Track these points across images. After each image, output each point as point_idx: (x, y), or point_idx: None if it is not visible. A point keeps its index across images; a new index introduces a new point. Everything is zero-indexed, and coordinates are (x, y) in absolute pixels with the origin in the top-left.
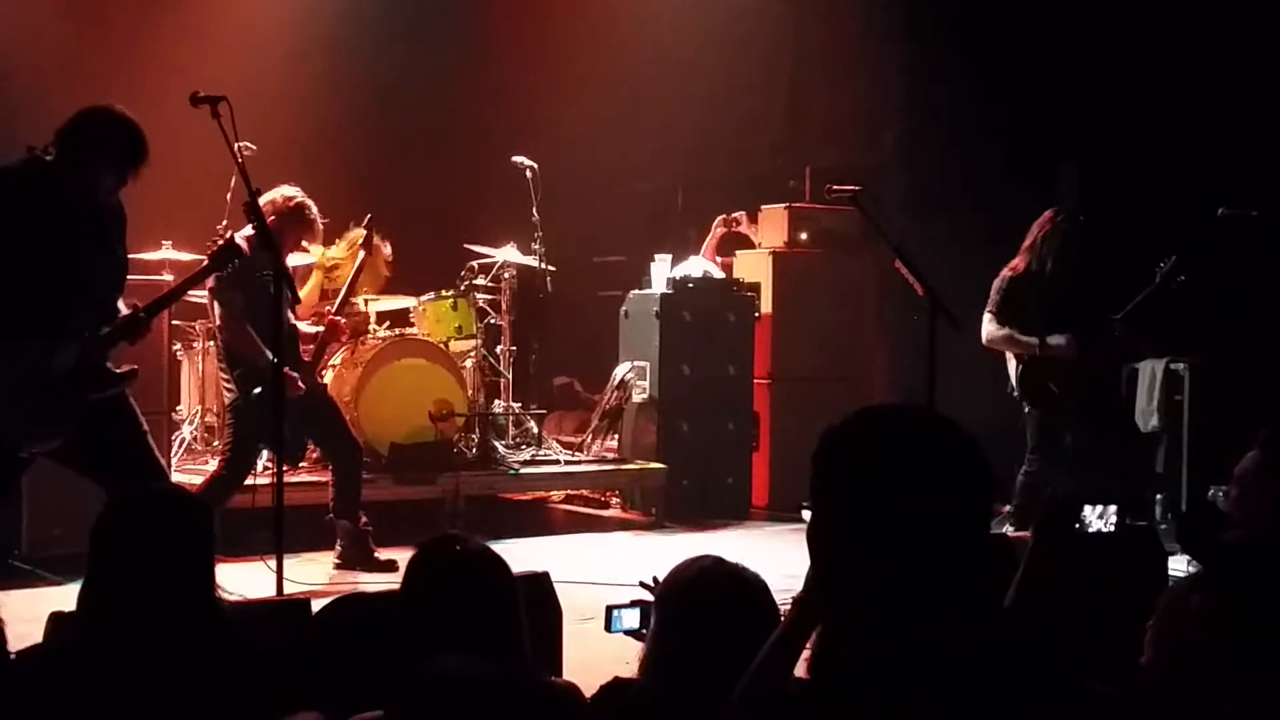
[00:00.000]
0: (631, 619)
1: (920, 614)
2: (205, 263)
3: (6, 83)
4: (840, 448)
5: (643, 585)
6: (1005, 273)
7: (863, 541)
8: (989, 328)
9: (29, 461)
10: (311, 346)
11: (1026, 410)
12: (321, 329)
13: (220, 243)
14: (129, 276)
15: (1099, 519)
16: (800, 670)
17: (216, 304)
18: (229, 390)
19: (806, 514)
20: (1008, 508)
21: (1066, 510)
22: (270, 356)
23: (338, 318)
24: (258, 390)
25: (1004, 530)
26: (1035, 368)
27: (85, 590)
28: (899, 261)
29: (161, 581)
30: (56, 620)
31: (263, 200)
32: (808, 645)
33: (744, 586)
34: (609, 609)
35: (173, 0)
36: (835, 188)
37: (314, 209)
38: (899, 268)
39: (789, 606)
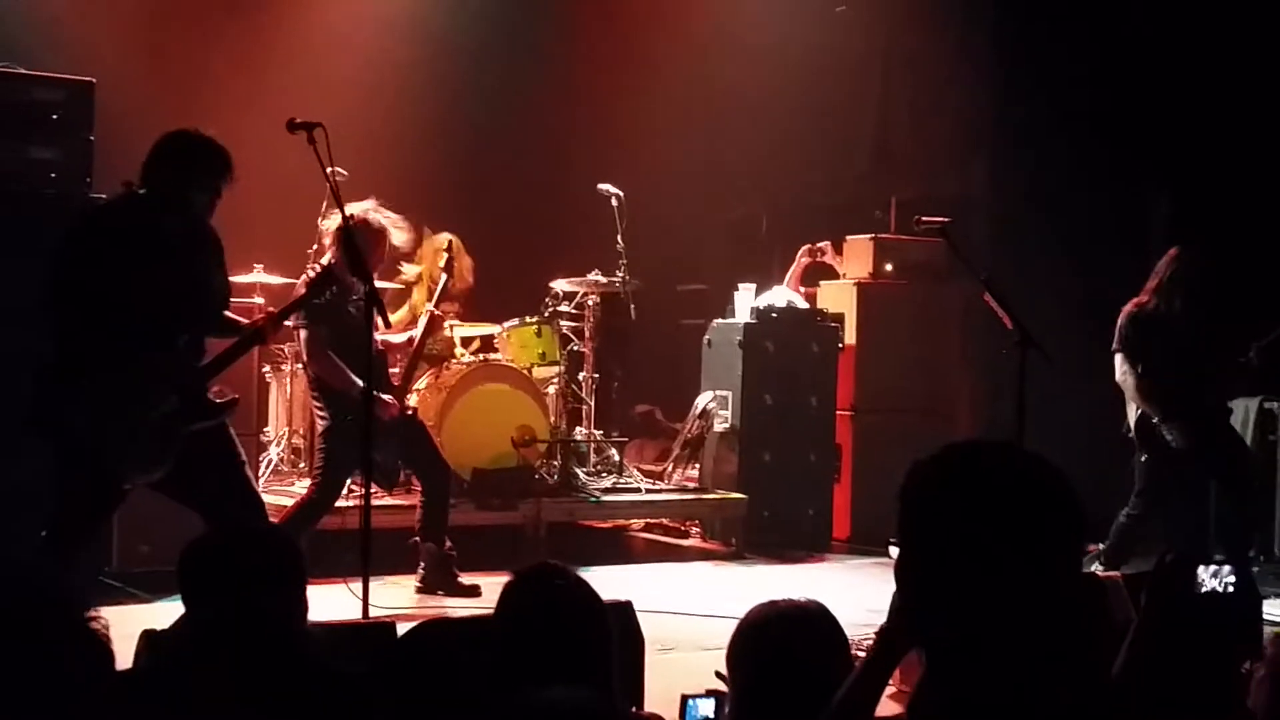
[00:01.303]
0: (707, 708)
1: (1016, 656)
2: (303, 292)
3: (109, 114)
4: (930, 483)
5: (719, 676)
6: (1130, 309)
7: (952, 578)
8: (1121, 369)
9: (130, 491)
10: (398, 374)
11: (1142, 456)
12: (415, 332)
13: (317, 272)
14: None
15: (1212, 578)
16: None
17: (301, 333)
18: (321, 417)
19: (895, 550)
20: (1098, 546)
21: (1180, 574)
22: (358, 383)
23: (437, 311)
24: (350, 418)
25: (1093, 569)
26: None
27: (178, 626)
28: (988, 294)
29: (250, 623)
30: (149, 639)
31: (331, 223)
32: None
33: (805, 626)
34: (684, 698)
35: (269, 31)
36: (925, 219)
37: (384, 222)
38: (988, 300)
39: (872, 641)
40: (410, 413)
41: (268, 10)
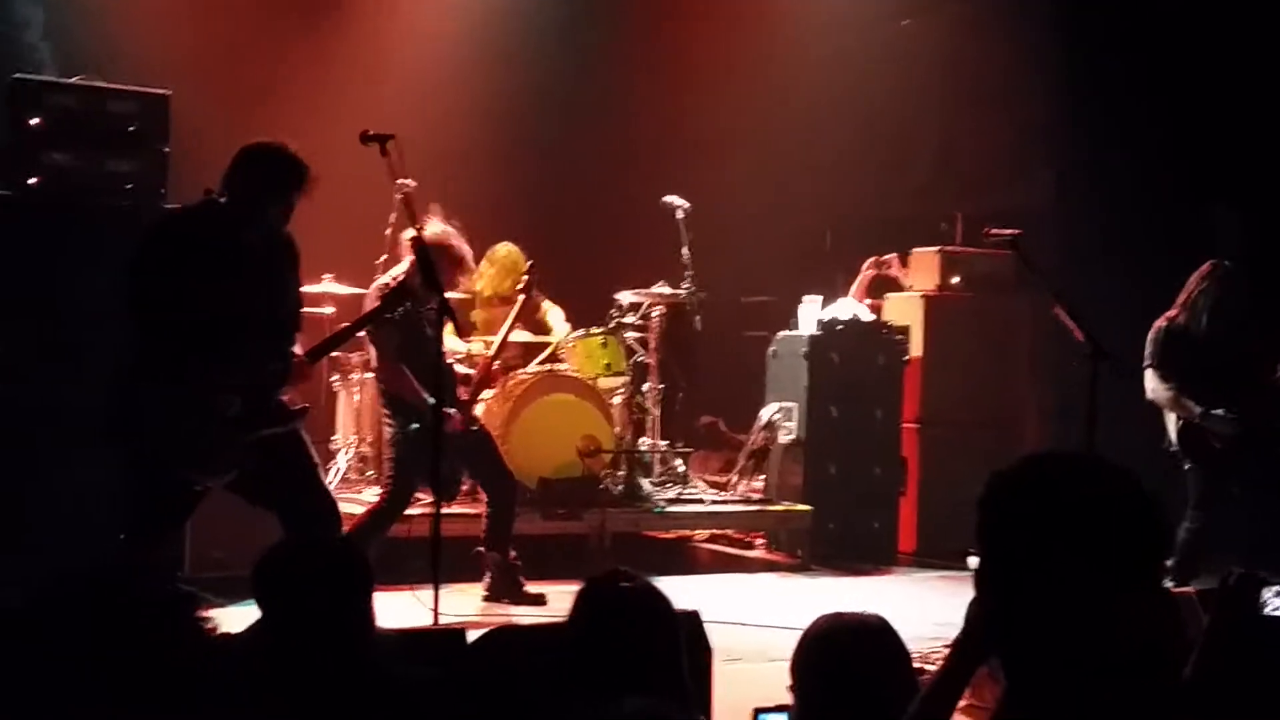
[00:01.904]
0: None
1: (1095, 669)
2: (377, 304)
3: (183, 126)
4: (1011, 493)
5: (791, 690)
6: (1160, 323)
7: (1032, 589)
8: (1153, 383)
9: (204, 494)
10: (467, 388)
11: (1186, 467)
12: (473, 371)
13: (392, 286)
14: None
15: (1277, 597)
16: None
17: (372, 345)
18: (389, 426)
19: (973, 560)
20: (1168, 562)
21: (1246, 593)
22: (426, 396)
23: (494, 363)
24: (415, 425)
25: (1165, 584)
26: (1196, 425)
27: (252, 631)
28: (1059, 307)
29: (322, 629)
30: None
31: (407, 234)
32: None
33: (863, 637)
34: (757, 711)
35: (339, 43)
36: (994, 231)
37: (462, 246)
38: (1058, 313)
39: (942, 653)
40: (475, 426)
41: (339, 23)
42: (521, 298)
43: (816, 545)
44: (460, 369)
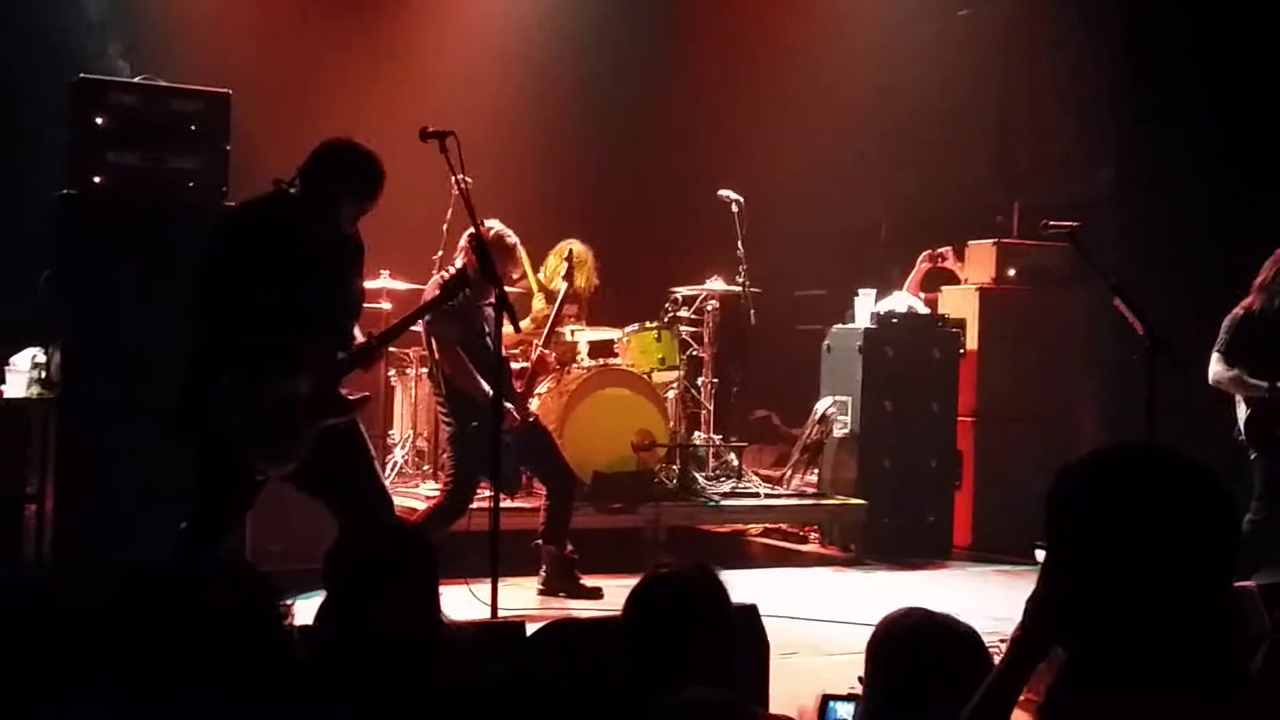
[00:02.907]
0: (847, 711)
1: (1160, 663)
2: (437, 293)
3: (244, 124)
4: (1082, 486)
5: (861, 680)
6: (1237, 311)
7: (1103, 584)
8: (1216, 368)
9: (264, 483)
10: (521, 381)
11: (1253, 456)
12: (528, 365)
13: (452, 274)
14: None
15: None
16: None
17: (433, 337)
18: (447, 423)
19: (1040, 554)
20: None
21: None
22: (485, 387)
23: (546, 351)
24: (475, 424)
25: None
26: (1264, 412)
27: (323, 615)
28: (1118, 299)
29: (393, 611)
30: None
31: (467, 233)
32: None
33: (956, 640)
34: (825, 698)
35: (397, 39)
36: (1052, 224)
37: (513, 239)
38: (1118, 306)
39: (1005, 647)
40: (532, 419)
41: (397, 21)
42: (564, 285)
43: (871, 539)
44: (515, 364)
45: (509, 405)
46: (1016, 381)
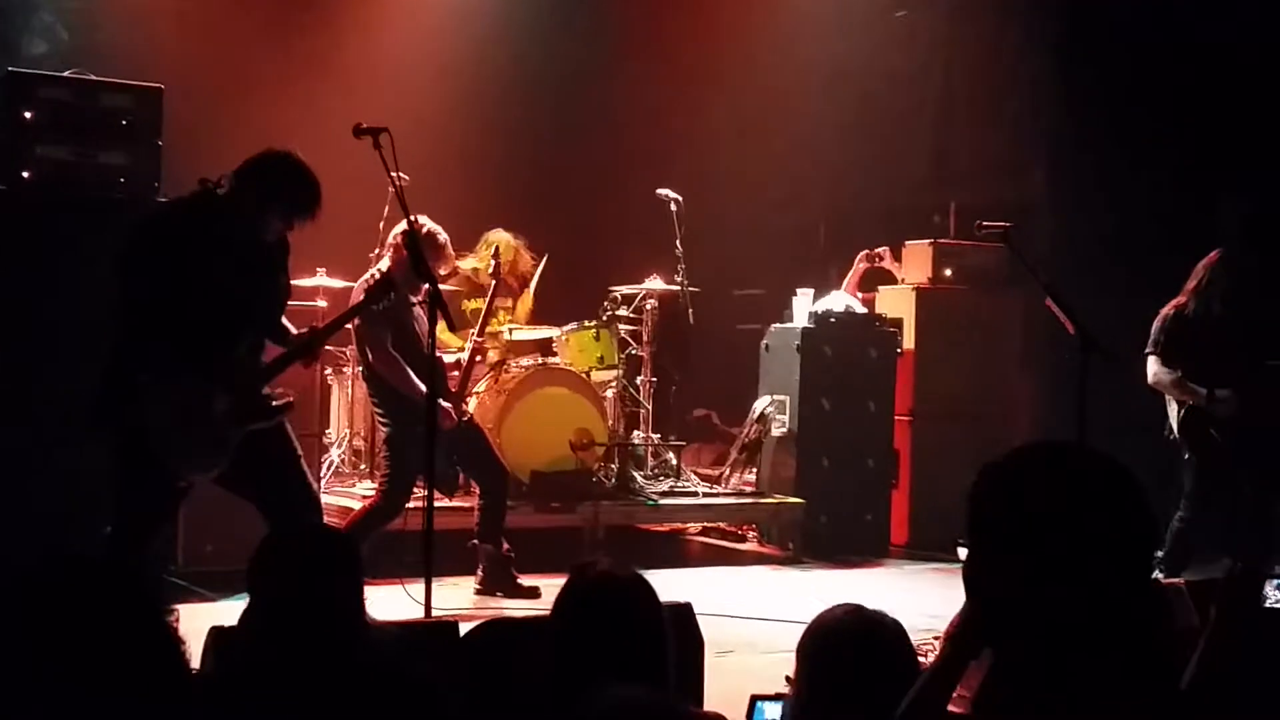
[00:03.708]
0: (774, 711)
1: (1084, 657)
2: (361, 298)
3: (176, 119)
4: (1002, 485)
5: (789, 680)
6: (1167, 310)
7: (1023, 581)
8: (1155, 368)
9: (189, 489)
10: (456, 379)
11: (1185, 456)
12: (462, 361)
13: (376, 279)
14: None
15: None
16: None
17: (365, 339)
18: (384, 424)
19: (963, 551)
20: (1158, 553)
21: (1249, 586)
22: (421, 386)
23: (480, 340)
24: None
25: (1154, 576)
26: (1198, 414)
27: (246, 616)
28: (1050, 299)
29: (315, 611)
30: (217, 635)
31: (396, 230)
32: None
33: (884, 635)
34: (754, 698)
35: (332, 35)
36: (986, 224)
37: (444, 236)
38: (1050, 306)
39: (938, 644)
40: (466, 419)
41: (331, 17)
42: (493, 282)
43: (808, 538)
44: (447, 358)
45: (445, 404)
46: (953, 381)
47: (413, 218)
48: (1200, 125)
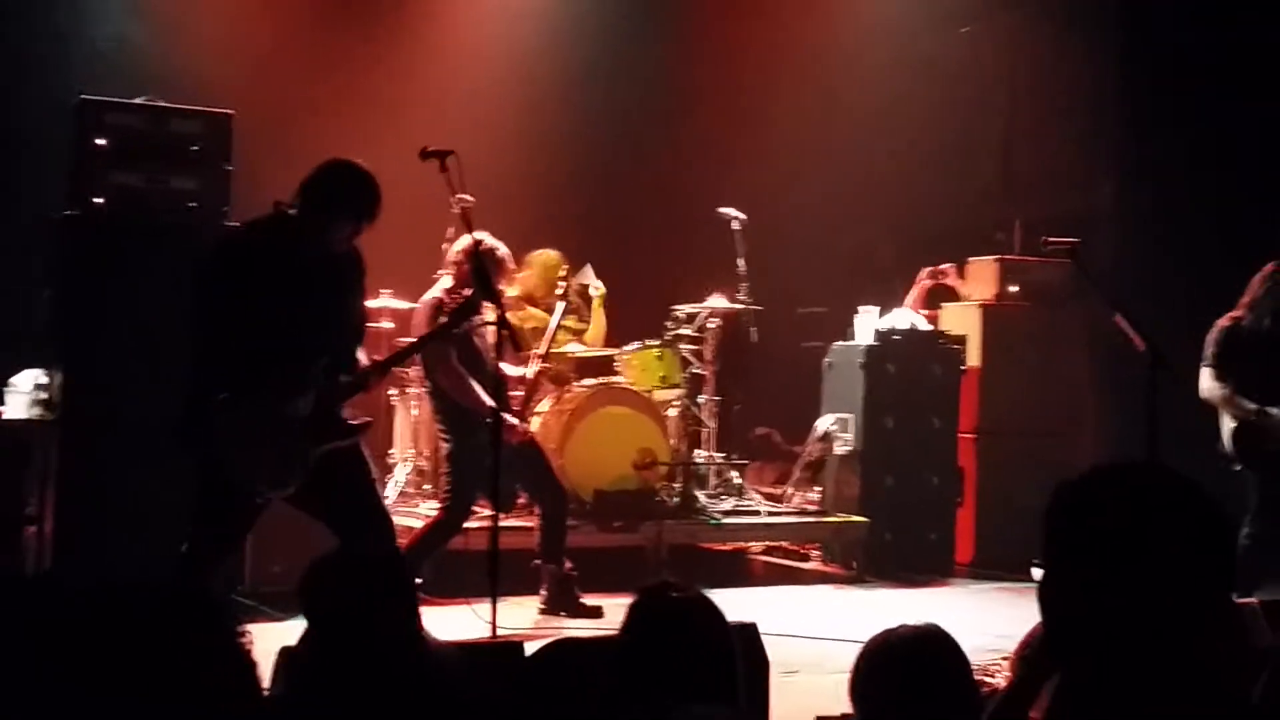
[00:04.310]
0: None
1: (1156, 676)
2: (445, 320)
3: (246, 131)
4: (1078, 504)
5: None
6: (1223, 323)
7: (1101, 602)
8: (1207, 383)
9: (265, 506)
10: (519, 398)
11: (1238, 468)
12: (525, 371)
13: (461, 301)
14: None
15: None
16: None
17: (431, 355)
18: (445, 439)
19: (1037, 572)
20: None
21: None
22: (488, 402)
23: (548, 366)
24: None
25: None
26: (1251, 429)
27: (305, 639)
28: (1119, 316)
29: (364, 634)
30: (287, 656)
31: (456, 247)
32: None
33: (942, 654)
34: None
35: (397, 59)
36: (1052, 240)
37: (504, 251)
38: (1119, 322)
39: (1006, 665)
40: (530, 436)
41: (398, 41)
42: (562, 304)
43: (872, 557)
44: (509, 369)
45: (510, 419)
46: (1018, 398)
47: (476, 237)
48: (1266, 136)
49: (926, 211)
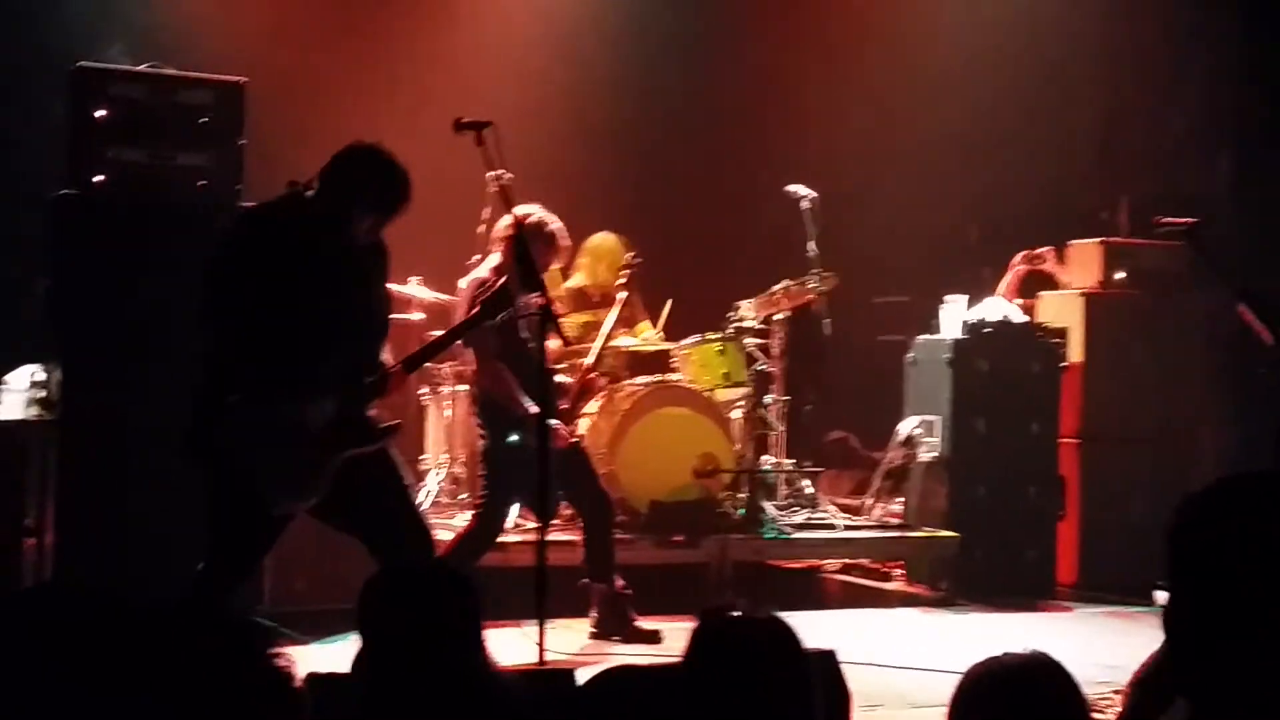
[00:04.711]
0: None
1: None
2: (476, 310)
3: (268, 106)
4: (1207, 519)
5: None
6: None
7: (1234, 628)
8: None
9: (287, 521)
10: (566, 399)
11: None
12: (572, 380)
13: (492, 291)
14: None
15: None
16: None
17: (468, 347)
18: (482, 436)
19: (1161, 595)
20: None
21: None
22: (525, 404)
23: (594, 374)
24: (514, 437)
25: None
26: None
27: (360, 662)
28: (1242, 305)
29: (433, 657)
30: (315, 684)
31: (501, 224)
32: None
33: (1053, 688)
34: None
35: (430, 23)
36: (1165, 220)
37: (555, 225)
38: (1243, 313)
39: (1118, 699)
40: (575, 439)
41: (425, 4)
42: (623, 295)
43: (963, 576)
44: (559, 377)
45: (556, 423)
46: (1127, 397)
47: (519, 213)
48: None
49: (1021, 188)
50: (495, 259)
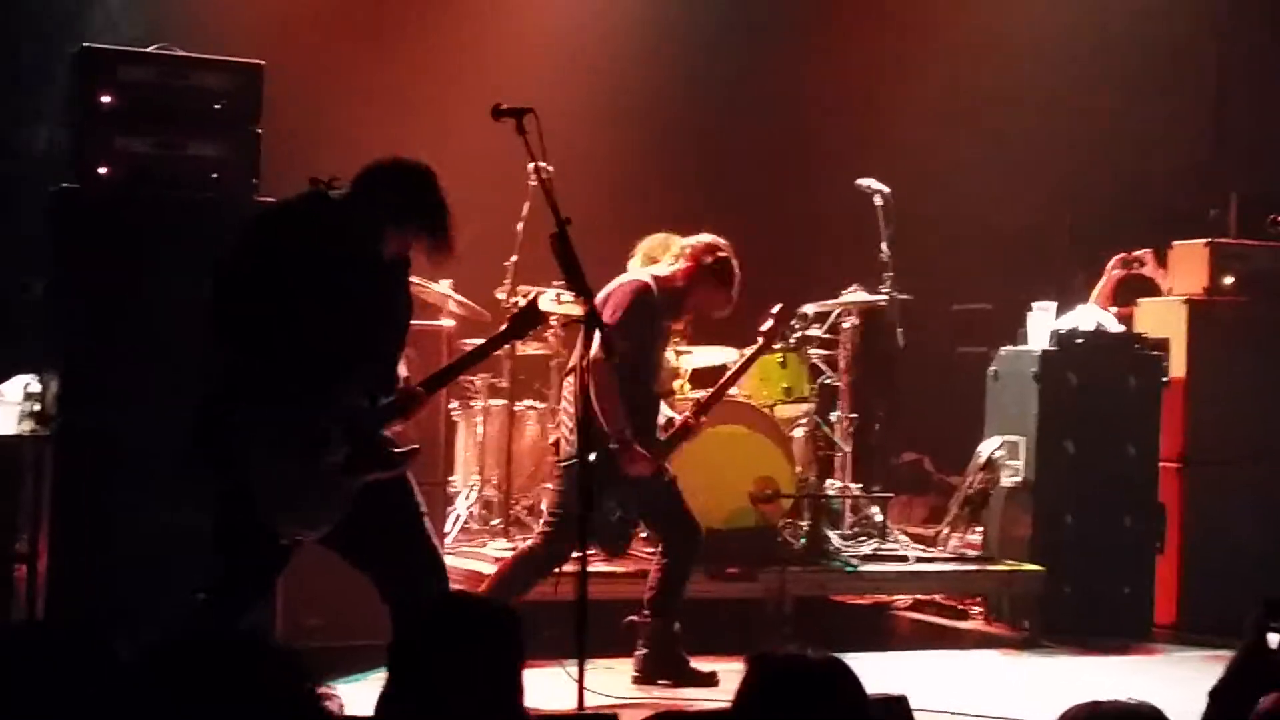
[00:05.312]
0: None
1: None
2: (503, 329)
3: (280, 91)
4: None
5: None
6: None
7: None
8: None
9: (295, 549)
10: (664, 432)
11: None
12: (676, 418)
13: (523, 305)
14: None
15: None
16: None
17: (603, 337)
18: (568, 440)
19: (1276, 637)
20: None
21: None
22: (620, 428)
23: (699, 419)
24: (593, 455)
25: None
26: None
27: (387, 698)
28: None
29: (468, 699)
30: None
31: (683, 244)
32: None
33: None
34: None
35: (471, 10)
36: (1279, 219)
37: (735, 265)
38: None
39: None
40: (666, 470)
41: None
42: (760, 341)
43: (1049, 615)
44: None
45: (641, 450)
46: (1235, 416)
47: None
48: None
49: (1117, 185)
50: (666, 269)
